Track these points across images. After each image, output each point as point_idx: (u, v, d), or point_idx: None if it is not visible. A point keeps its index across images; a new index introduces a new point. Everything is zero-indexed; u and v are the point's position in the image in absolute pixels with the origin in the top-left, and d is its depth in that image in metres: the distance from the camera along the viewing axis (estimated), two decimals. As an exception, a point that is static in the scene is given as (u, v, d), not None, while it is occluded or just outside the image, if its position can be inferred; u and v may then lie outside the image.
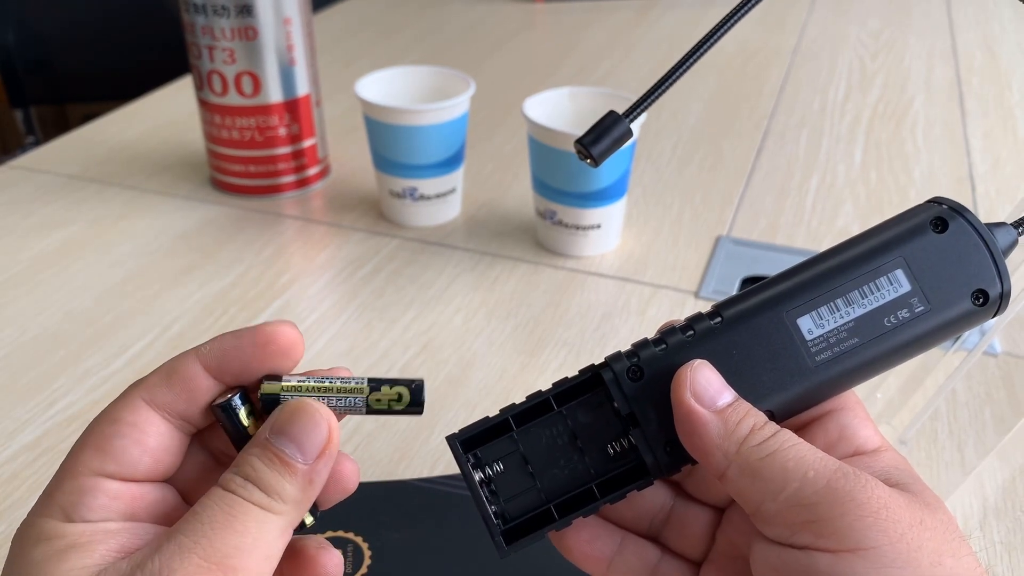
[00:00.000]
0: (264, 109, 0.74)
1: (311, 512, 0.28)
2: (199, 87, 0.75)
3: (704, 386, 0.27)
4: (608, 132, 0.33)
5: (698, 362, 0.27)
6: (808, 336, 0.28)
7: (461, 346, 0.59)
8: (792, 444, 0.25)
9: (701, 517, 0.31)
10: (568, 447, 0.29)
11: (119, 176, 0.82)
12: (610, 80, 1.07)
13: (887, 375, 0.48)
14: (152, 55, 1.41)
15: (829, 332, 0.27)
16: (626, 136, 0.33)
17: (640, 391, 0.28)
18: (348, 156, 0.85)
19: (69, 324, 0.61)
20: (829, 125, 0.95)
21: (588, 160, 0.33)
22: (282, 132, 0.76)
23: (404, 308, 0.63)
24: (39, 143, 1.38)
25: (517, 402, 0.29)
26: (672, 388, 0.27)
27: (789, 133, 0.93)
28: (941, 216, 0.28)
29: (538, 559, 0.40)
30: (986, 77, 1.09)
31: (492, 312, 0.63)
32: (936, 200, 0.29)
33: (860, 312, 0.28)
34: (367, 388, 0.27)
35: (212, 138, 0.77)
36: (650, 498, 0.31)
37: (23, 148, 1.55)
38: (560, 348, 0.59)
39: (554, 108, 0.69)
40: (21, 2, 1.54)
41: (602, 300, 0.64)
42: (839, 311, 0.28)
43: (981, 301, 0.28)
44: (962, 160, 0.87)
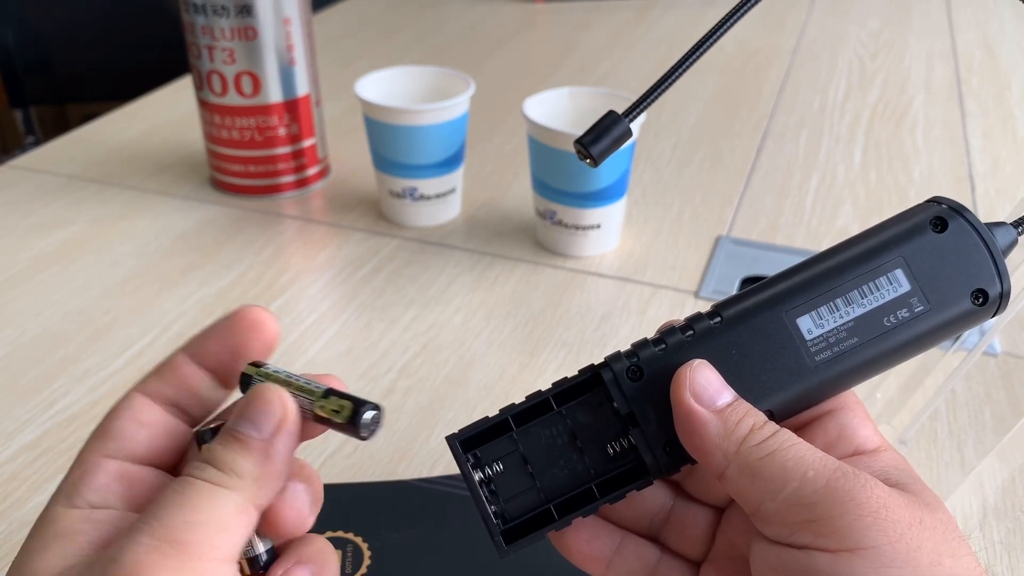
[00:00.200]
0: (264, 109, 0.74)
1: (264, 544, 0.27)
2: (199, 87, 0.75)
3: (703, 386, 0.27)
4: (608, 132, 0.33)
5: (697, 362, 0.27)
6: (808, 336, 0.27)
7: (461, 346, 0.59)
8: (791, 444, 0.25)
9: (701, 517, 0.31)
10: (568, 447, 0.29)
11: (119, 176, 0.82)
12: (610, 80, 1.07)
13: (887, 375, 0.48)
14: (152, 55, 1.41)
15: (829, 332, 0.27)
16: (626, 136, 0.33)
17: (640, 391, 0.28)
18: (348, 156, 0.85)
19: (69, 324, 0.61)
20: (829, 125, 0.95)
21: (588, 160, 0.33)
22: (282, 132, 0.76)
23: (404, 308, 0.63)
24: (39, 143, 1.38)
25: (517, 402, 0.29)
26: (672, 388, 0.27)
27: (789, 133, 0.93)
28: (941, 216, 0.28)
29: (538, 559, 0.40)
30: (986, 77, 1.09)
31: (492, 312, 0.63)
32: (936, 200, 0.29)
33: (860, 312, 0.28)
34: (319, 393, 0.27)
35: (212, 138, 0.77)
36: (650, 498, 0.31)
37: (23, 148, 1.55)
38: (560, 348, 0.59)
39: (554, 108, 0.69)
40: (21, 2, 1.54)
41: (602, 300, 0.64)
42: (839, 311, 0.28)
43: (981, 301, 0.28)
44: (962, 160, 0.87)
